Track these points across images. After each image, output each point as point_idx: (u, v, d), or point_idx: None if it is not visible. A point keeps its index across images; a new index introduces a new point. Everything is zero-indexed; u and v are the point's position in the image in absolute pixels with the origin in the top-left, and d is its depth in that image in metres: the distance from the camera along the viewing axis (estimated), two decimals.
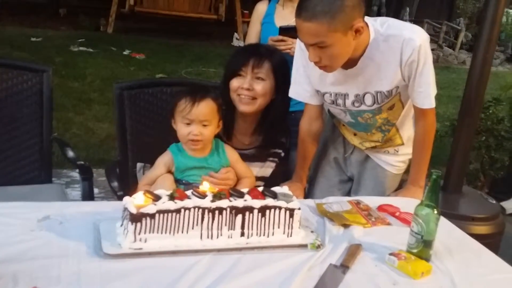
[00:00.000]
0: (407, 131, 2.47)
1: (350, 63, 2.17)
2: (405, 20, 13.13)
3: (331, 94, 2.33)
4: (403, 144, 2.49)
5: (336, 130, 2.62)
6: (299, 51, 2.34)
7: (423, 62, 2.14)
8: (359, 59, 2.17)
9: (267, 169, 2.44)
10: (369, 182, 2.58)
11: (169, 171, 2.22)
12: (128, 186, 2.32)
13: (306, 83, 2.37)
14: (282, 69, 2.39)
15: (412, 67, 2.14)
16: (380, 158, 2.55)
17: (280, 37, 2.80)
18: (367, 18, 2.12)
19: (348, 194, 2.64)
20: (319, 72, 2.22)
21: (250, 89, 2.31)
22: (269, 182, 1.96)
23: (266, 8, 3.10)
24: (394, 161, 2.54)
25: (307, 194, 2.61)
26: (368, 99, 2.27)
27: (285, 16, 3.03)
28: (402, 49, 2.11)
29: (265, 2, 3.14)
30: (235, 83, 2.34)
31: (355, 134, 2.53)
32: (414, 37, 2.11)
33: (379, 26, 2.15)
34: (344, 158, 2.64)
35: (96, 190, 3.86)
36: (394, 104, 2.31)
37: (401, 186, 2.58)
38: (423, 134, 2.35)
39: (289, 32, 2.69)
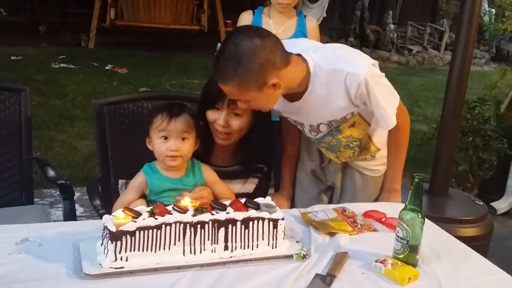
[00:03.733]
0: (380, 137, 2.40)
1: (295, 97, 2.14)
2: (389, 23, 13.29)
3: (291, 120, 2.33)
4: (379, 149, 2.45)
5: (311, 142, 2.60)
6: None
7: (373, 91, 2.06)
8: (303, 94, 2.13)
9: (249, 185, 2.37)
10: (350, 188, 2.56)
11: (143, 194, 2.14)
12: (110, 204, 2.28)
13: None
14: None
15: (363, 98, 2.09)
16: (358, 165, 2.52)
17: None
18: (305, 50, 2.10)
19: (329, 202, 2.61)
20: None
21: (225, 126, 2.19)
22: (253, 198, 1.90)
23: (251, 18, 3.10)
24: (372, 166, 2.51)
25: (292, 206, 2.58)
26: (323, 128, 2.27)
27: (272, 26, 3.03)
28: (347, 85, 2.06)
29: (250, 12, 3.14)
30: (210, 115, 2.21)
31: (328, 151, 2.51)
32: (356, 71, 2.04)
33: (319, 58, 2.09)
34: (321, 168, 2.60)
35: (81, 209, 3.84)
36: (354, 122, 2.27)
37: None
38: (395, 135, 2.31)
39: None
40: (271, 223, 1.73)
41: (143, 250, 1.60)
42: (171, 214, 1.65)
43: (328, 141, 2.34)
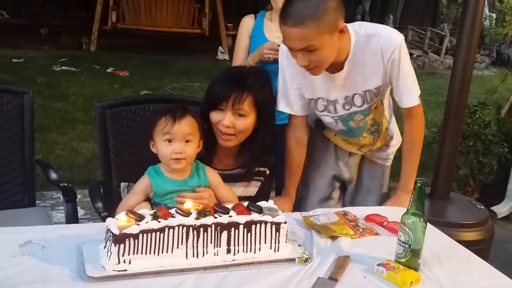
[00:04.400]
0: (391, 123, 2.57)
1: (336, 68, 2.20)
2: None
3: (323, 99, 2.34)
4: (392, 138, 2.59)
5: (326, 143, 2.63)
6: (285, 62, 2.34)
7: (403, 61, 2.21)
8: (344, 63, 2.20)
9: (252, 188, 2.36)
10: (366, 179, 2.67)
11: (147, 197, 2.13)
12: (112, 207, 2.28)
13: (294, 94, 2.37)
14: (265, 97, 2.27)
15: (394, 65, 2.20)
16: (376, 156, 2.63)
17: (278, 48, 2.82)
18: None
19: (341, 198, 2.72)
20: (310, 79, 2.26)
21: (230, 126, 2.19)
22: (255, 201, 1.91)
23: (253, 22, 3.10)
24: (386, 155, 2.63)
25: (299, 209, 2.59)
26: (358, 100, 2.31)
27: (274, 29, 3.03)
28: (383, 47, 2.18)
29: (252, 16, 3.13)
30: (214, 117, 2.21)
31: (350, 143, 2.56)
32: (393, 35, 2.20)
33: (357, 28, 2.21)
34: (344, 163, 2.65)
35: (82, 212, 3.85)
36: (377, 105, 2.38)
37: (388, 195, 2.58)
38: (411, 138, 2.40)
39: None
40: (273, 226, 1.74)
41: (146, 253, 1.60)
42: (174, 217, 1.66)
43: (358, 120, 2.39)
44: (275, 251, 1.75)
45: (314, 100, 2.36)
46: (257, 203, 1.82)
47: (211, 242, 1.67)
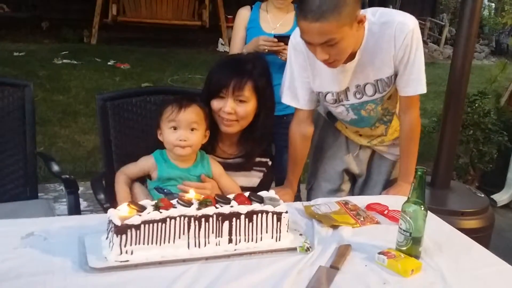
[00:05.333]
0: None
1: (348, 57, 2.18)
2: None
3: (333, 94, 2.33)
4: None
5: (337, 136, 2.64)
6: (293, 55, 2.34)
7: (415, 47, 2.18)
8: (356, 52, 2.18)
9: (253, 179, 2.37)
10: (376, 173, 2.65)
11: (146, 174, 2.18)
12: (114, 197, 2.29)
13: (302, 87, 2.37)
14: (265, 83, 2.28)
15: (406, 51, 2.17)
16: (386, 151, 2.61)
17: (275, 40, 2.82)
18: None
19: (351, 191, 2.73)
20: (318, 71, 2.25)
21: (232, 112, 2.20)
22: (257, 192, 1.92)
23: (249, 13, 3.10)
24: (396, 151, 2.57)
25: (309, 199, 2.61)
26: (369, 89, 2.30)
27: (270, 21, 3.04)
28: (395, 34, 2.15)
29: (247, 8, 3.14)
30: (215, 104, 2.23)
31: (360, 135, 2.56)
32: (406, 21, 2.16)
33: (371, 15, 2.17)
34: (354, 157, 2.66)
35: (85, 204, 3.86)
36: (392, 94, 2.35)
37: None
38: (409, 128, 2.38)
39: (283, 40, 2.72)
40: (274, 216, 1.74)
41: (148, 244, 1.61)
42: (176, 207, 1.66)
43: (369, 109, 2.38)
44: (276, 241, 1.75)
45: (323, 94, 2.36)
46: (258, 193, 1.82)
47: (212, 232, 1.68)
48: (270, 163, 2.42)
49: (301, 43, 2.13)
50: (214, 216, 1.68)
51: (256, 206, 1.73)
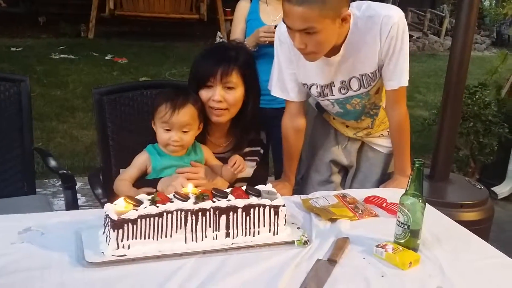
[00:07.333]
0: None
1: (333, 51, 2.17)
2: None
3: (317, 86, 2.32)
4: None
5: (327, 127, 2.63)
6: (279, 47, 2.33)
7: (400, 39, 2.17)
8: (341, 46, 2.18)
9: (247, 169, 2.34)
10: (365, 165, 2.65)
11: (144, 172, 2.19)
12: (112, 193, 2.29)
13: (290, 80, 2.36)
14: (250, 70, 2.29)
15: (391, 44, 2.16)
16: (375, 143, 2.60)
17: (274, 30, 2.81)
18: None
19: (342, 183, 2.71)
20: (302, 63, 2.23)
21: (221, 100, 2.20)
22: (252, 182, 1.92)
23: (249, 5, 3.09)
24: (387, 143, 2.57)
25: (300, 187, 2.62)
26: (354, 84, 2.29)
27: (270, 12, 3.02)
28: (381, 27, 2.14)
29: (247, 0, 3.12)
30: (204, 94, 2.21)
31: (347, 126, 2.56)
32: (391, 14, 2.15)
33: (355, 10, 2.16)
34: (343, 149, 2.65)
35: (83, 199, 3.86)
36: (379, 88, 2.34)
37: (389, 177, 2.58)
38: (398, 123, 2.37)
39: None
40: (272, 209, 1.74)
41: (145, 238, 1.60)
42: (172, 202, 1.66)
43: (355, 104, 2.37)
44: (274, 234, 1.75)
45: (308, 86, 2.35)
46: (255, 187, 1.82)
47: (209, 226, 1.67)
48: (262, 151, 2.43)
49: (286, 33, 2.13)
50: (211, 210, 1.67)
51: (253, 200, 1.73)
